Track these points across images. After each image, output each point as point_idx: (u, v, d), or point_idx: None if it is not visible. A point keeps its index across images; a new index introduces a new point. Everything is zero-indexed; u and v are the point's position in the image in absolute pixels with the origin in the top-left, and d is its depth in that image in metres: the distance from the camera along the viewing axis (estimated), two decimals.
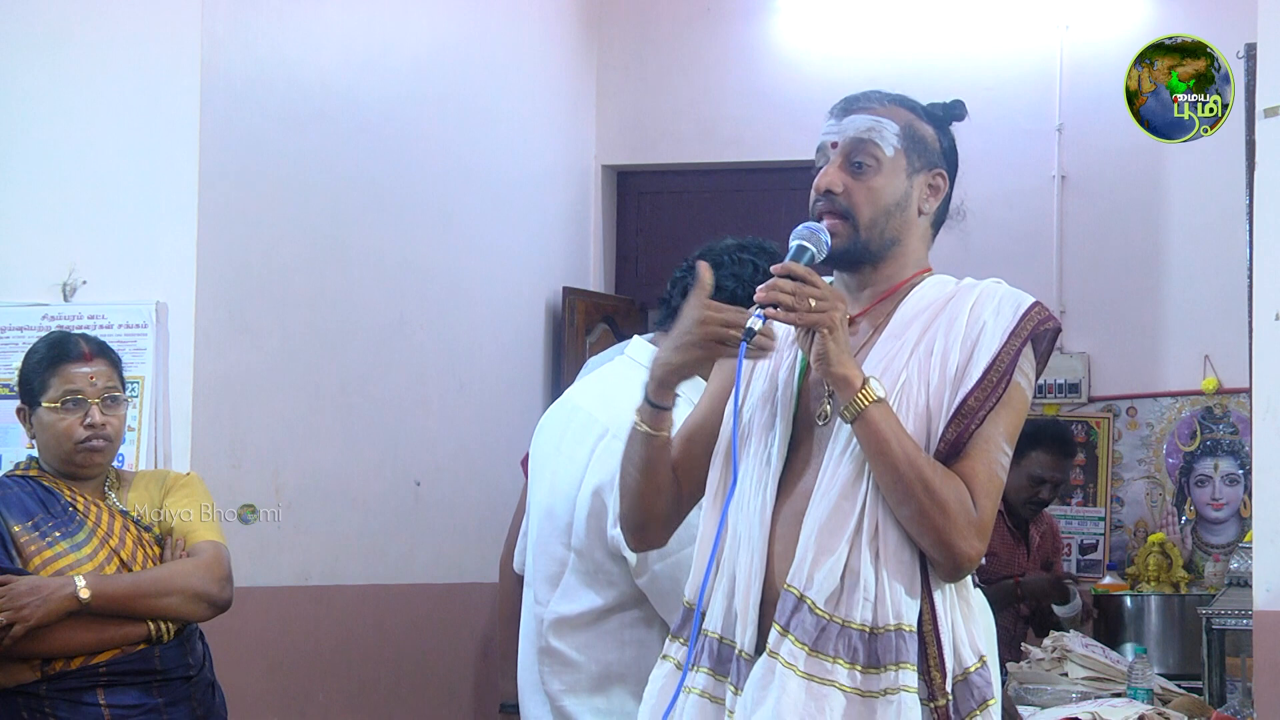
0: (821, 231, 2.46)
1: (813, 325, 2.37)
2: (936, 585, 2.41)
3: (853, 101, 2.55)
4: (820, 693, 2.33)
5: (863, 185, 2.49)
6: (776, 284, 2.38)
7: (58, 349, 3.56)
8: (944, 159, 2.56)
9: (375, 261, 5.27)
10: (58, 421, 3.48)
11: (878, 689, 2.35)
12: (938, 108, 2.59)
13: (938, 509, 2.36)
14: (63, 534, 3.43)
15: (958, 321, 2.46)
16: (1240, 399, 6.22)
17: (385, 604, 5.33)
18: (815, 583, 2.35)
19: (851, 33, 6.73)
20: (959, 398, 2.41)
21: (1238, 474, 6.36)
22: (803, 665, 2.34)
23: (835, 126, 2.53)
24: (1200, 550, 6.42)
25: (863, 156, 2.50)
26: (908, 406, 2.41)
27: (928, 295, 2.51)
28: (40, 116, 4.58)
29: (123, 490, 3.59)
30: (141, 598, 3.41)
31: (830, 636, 2.35)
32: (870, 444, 2.36)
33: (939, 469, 2.38)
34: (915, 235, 2.54)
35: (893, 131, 2.51)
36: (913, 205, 2.52)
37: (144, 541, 3.50)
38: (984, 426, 2.41)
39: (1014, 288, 2.53)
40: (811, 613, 2.35)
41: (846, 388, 2.37)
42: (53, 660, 3.36)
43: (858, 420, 2.36)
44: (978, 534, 2.39)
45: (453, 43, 5.82)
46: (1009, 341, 2.43)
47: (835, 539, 2.37)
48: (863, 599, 2.36)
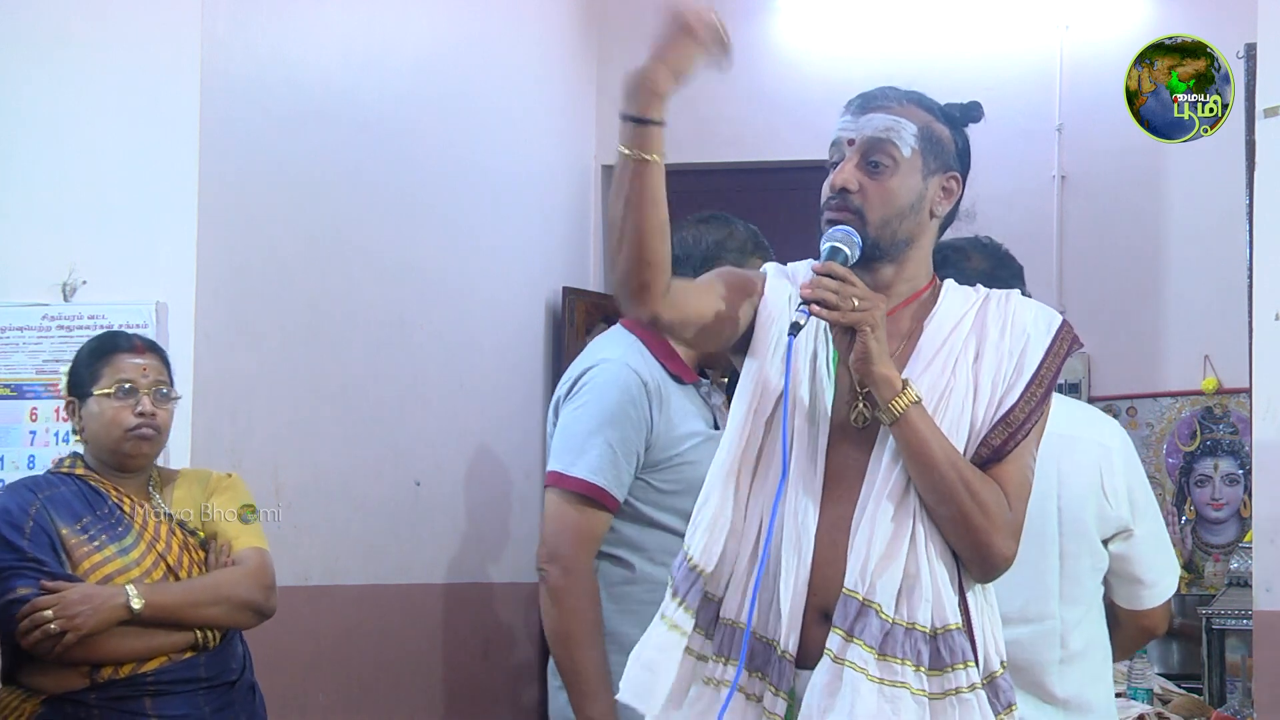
0: (854, 234, 2.45)
1: (855, 324, 2.37)
2: (969, 587, 2.43)
3: (871, 99, 2.53)
4: (893, 695, 2.34)
5: (879, 185, 2.48)
6: (820, 282, 2.38)
7: (110, 341, 3.62)
8: (959, 161, 2.55)
9: (375, 261, 5.27)
10: (109, 410, 3.49)
11: (942, 690, 2.36)
12: (955, 108, 2.58)
13: (979, 510, 2.38)
14: (110, 538, 3.44)
15: (1006, 331, 2.48)
16: (1240, 399, 6.22)
17: (385, 604, 5.33)
18: (879, 588, 2.36)
19: (852, 33, 6.72)
20: (1005, 407, 2.44)
21: (1238, 474, 6.36)
22: (874, 670, 2.34)
23: (852, 123, 2.51)
24: (1200, 550, 6.42)
25: (880, 156, 2.48)
26: (954, 413, 2.43)
27: (957, 305, 2.52)
28: (40, 116, 4.57)
29: (166, 490, 3.60)
30: (191, 607, 3.43)
31: (896, 639, 2.35)
32: (911, 445, 2.37)
33: (977, 471, 2.40)
34: (928, 237, 2.54)
35: (911, 132, 2.49)
36: (926, 207, 2.51)
37: (189, 546, 3.52)
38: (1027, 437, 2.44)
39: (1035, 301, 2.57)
40: (878, 616, 2.35)
41: (888, 388, 2.37)
42: (101, 668, 3.37)
43: (899, 422, 2.37)
44: (1013, 535, 2.42)
45: (453, 43, 5.82)
46: (1049, 359, 2.47)
47: (895, 544, 2.38)
48: (923, 600, 2.37)
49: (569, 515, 3.38)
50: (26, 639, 3.32)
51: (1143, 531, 3.24)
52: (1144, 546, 3.25)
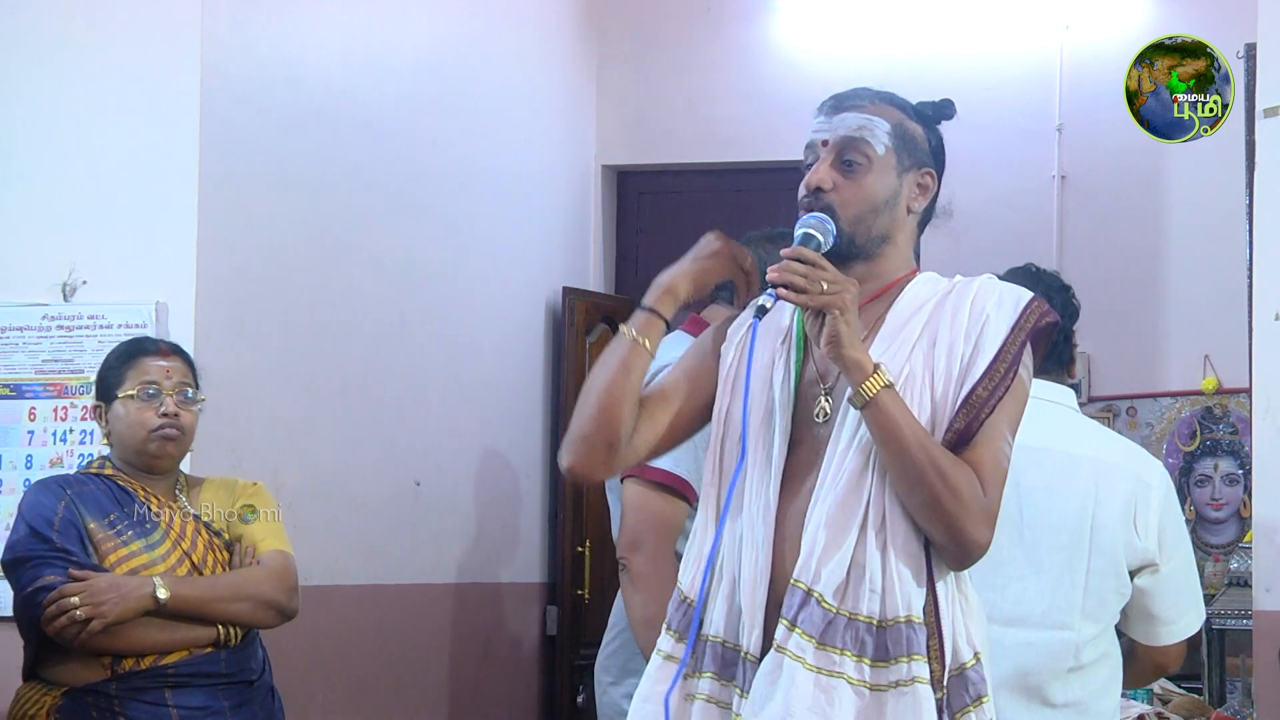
0: (829, 222, 2.46)
1: (824, 307, 2.36)
2: (940, 576, 2.41)
3: (843, 99, 2.55)
4: (828, 685, 2.32)
5: (853, 183, 2.49)
6: (789, 265, 2.38)
7: (135, 345, 3.66)
8: (932, 158, 2.56)
9: (375, 261, 5.27)
10: (133, 411, 3.52)
11: (887, 682, 2.34)
12: (927, 106, 2.60)
13: (950, 495, 2.35)
14: (137, 534, 3.48)
15: (960, 314, 2.46)
16: (1240, 399, 6.22)
17: (385, 604, 5.33)
18: (823, 577, 2.35)
19: (851, 33, 6.73)
20: (966, 388, 2.41)
21: (1238, 474, 6.36)
22: (811, 658, 2.33)
23: (826, 124, 2.53)
24: (1200, 550, 6.42)
25: (853, 154, 2.49)
26: (912, 399, 2.40)
27: (922, 292, 2.51)
28: (40, 116, 4.58)
29: (193, 494, 3.64)
30: (216, 602, 3.47)
31: (838, 629, 2.34)
32: (882, 429, 2.36)
33: (949, 455, 2.38)
34: (904, 233, 2.55)
35: (884, 130, 2.50)
36: (902, 204, 2.52)
37: (214, 546, 3.56)
38: (991, 416, 2.42)
39: (1007, 283, 2.53)
40: (819, 605, 2.34)
41: (858, 371, 2.36)
42: (123, 659, 3.41)
43: (869, 405, 2.36)
44: (987, 521, 2.39)
45: (453, 43, 5.82)
46: (1012, 334, 2.44)
47: (842, 532, 2.36)
48: (869, 591, 2.35)
49: (652, 504, 3.41)
50: (52, 625, 3.35)
51: (1168, 570, 3.26)
52: (1167, 584, 3.27)
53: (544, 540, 6.39)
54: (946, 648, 2.39)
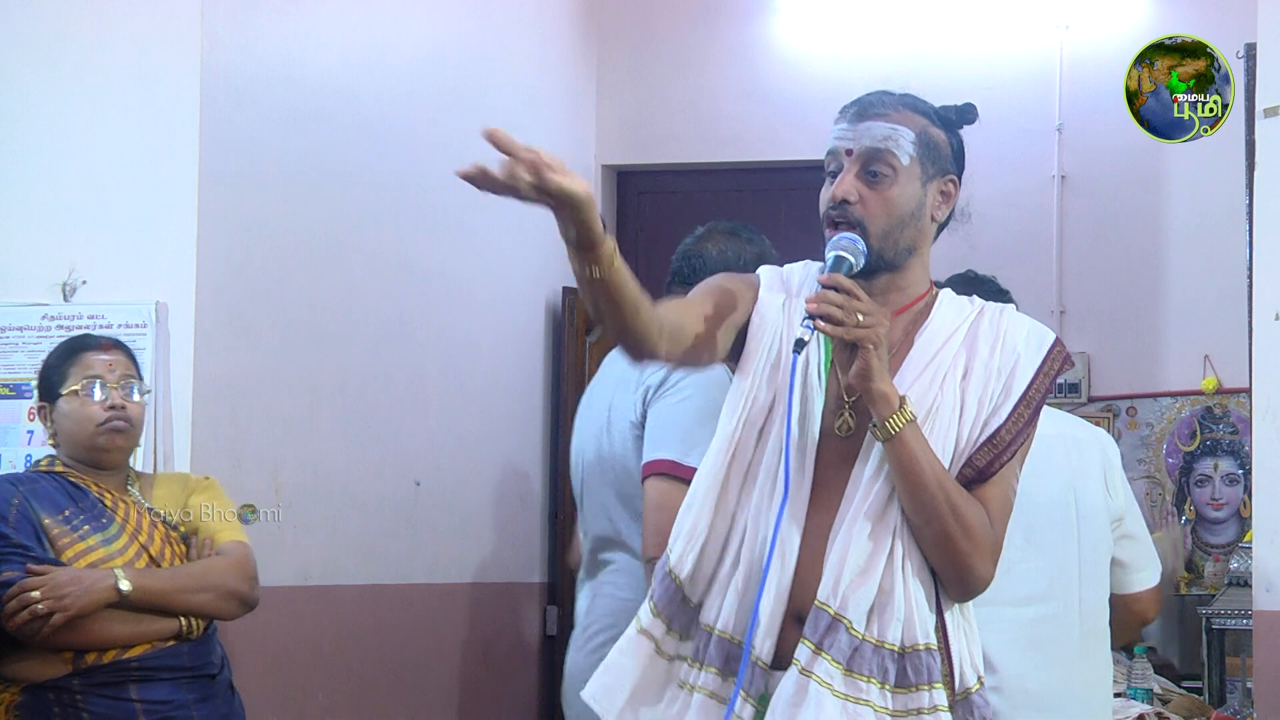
0: (859, 242, 2.42)
1: (859, 340, 2.34)
2: (946, 604, 2.42)
3: (867, 106, 2.49)
4: (855, 712, 2.32)
5: (879, 195, 2.45)
6: (826, 296, 2.34)
7: (75, 343, 3.65)
8: (954, 164, 2.53)
9: (375, 261, 5.27)
10: (79, 407, 3.52)
11: (907, 709, 2.35)
12: (950, 111, 2.55)
13: (963, 532, 2.37)
14: (94, 529, 3.46)
15: (996, 349, 2.46)
16: (1240, 399, 6.22)
17: (385, 604, 5.33)
18: (851, 603, 2.35)
19: (851, 33, 6.72)
20: (991, 427, 2.42)
21: (1238, 474, 6.36)
22: (839, 685, 2.33)
23: (850, 132, 2.48)
24: (1200, 550, 6.42)
25: (879, 165, 2.45)
26: (937, 430, 2.40)
27: (950, 318, 2.50)
28: (40, 116, 4.57)
29: (145, 489, 3.63)
30: (179, 593, 3.47)
31: (864, 656, 2.34)
32: (903, 464, 2.36)
33: (963, 492, 2.39)
34: (928, 243, 2.52)
35: (909, 139, 2.46)
36: (927, 213, 2.49)
37: (171, 540, 3.55)
38: (1012, 460, 2.43)
39: (1029, 317, 2.54)
40: (848, 632, 2.34)
41: (886, 405, 2.35)
42: (85, 654, 3.39)
43: (893, 440, 2.35)
44: (994, 557, 2.42)
45: (453, 43, 5.82)
46: (1038, 379, 2.45)
47: (872, 560, 2.36)
48: (895, 619, 2.36)
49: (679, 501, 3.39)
50: (13, 621, 3.33)
51: (1130, 523, 3.63)
52: (1132, 535, 3.64)
53: (544, 540, 6.38)
54: (955, 673, 2.41)
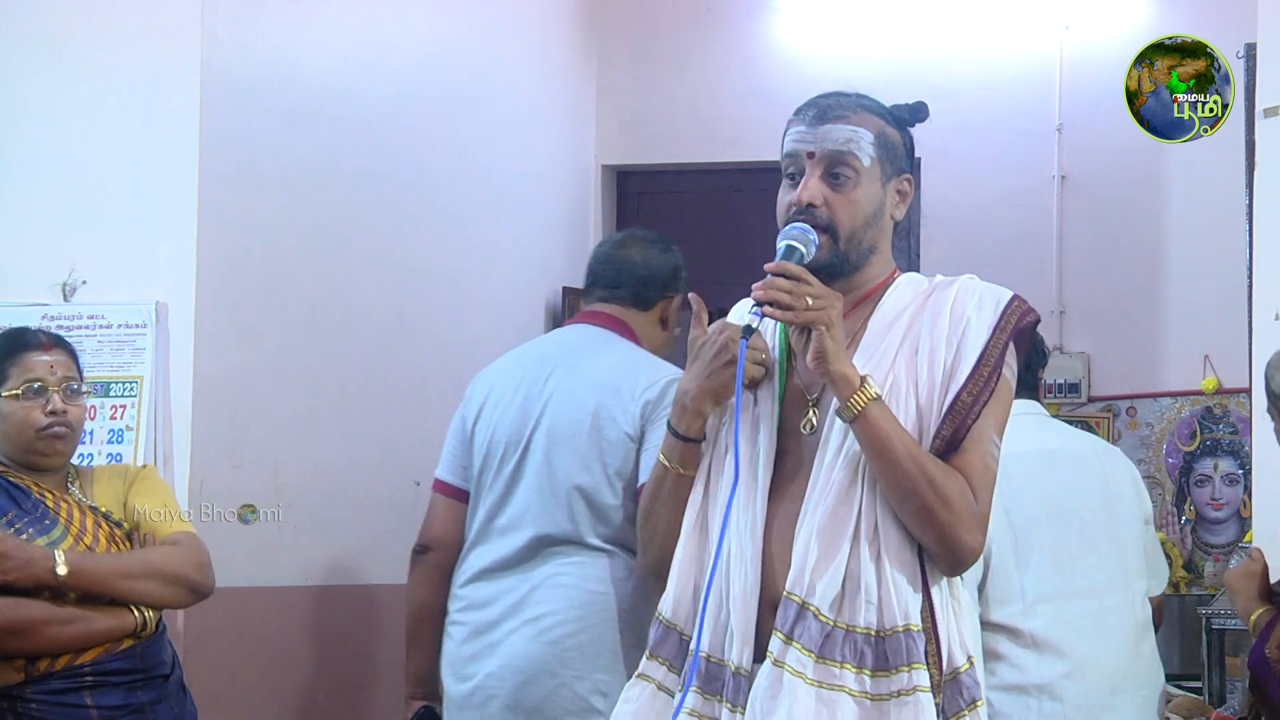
0: (810, 232, 2.44)
1: (810, 323, 2.35)
2: (934, 582, 2.41)
3: (826, 110, 2.51)
4: (830, 699, 2.32)
5: (843, 198, 2.47)
6: (773, 282, 2.36)
7: (15, 340, 3.55)
8: (908, 161, 2.56)
9: (375, 261, 5.27)
10: (18, 410, 3.45)
11: (888, 691, 2.34)
12: (903, 110, 2.57)
13: (942, 503, 2.35)
14: (37, 531, 3.39)
15: (940, 319, 2.45)
16: (1240, 399, 6.22)
17: (385, 604, 5.32)
18: (818, 590, 2.34)
19: (852, 33, 6.72)
20: (950, 394, 2.41)
21: (1238, 474, 6.36)
22: (811, 672, 2.32)
23: (810, 135, 2.50)
24: (1200, 550, 6.42)
25: (841, 169, 2.47)
26: (897, 407, 2.40)
27: (903, 296, 2.51)
28: (40, 116, 4.57)
29: (85, 486, 3.55)
30: (121, 578, 3.37)
31: (836, 642, 2.33)
32: (872, 442, 2.35)
33: (939, 464, 2.37)
34: (887, 240, 2.54)
35: (868, 141, 2.48)
36: (886, 213, 2.52)
37: (115, 538, 3.47)
38: (978, 421, 2.41)
39: (989, 283, 2.53)
40: (816, 619, 2.33)
41: (846, 386, 2.35)
42: (37, 660, 3.32)
43: (858, 419, 2.35)
44: (979, 527, 2.39)
45: (453, 43, 5.82)
46: (994, 337, 2.44)
47: (834, 544, 2.35)
48: (865, 603, 2.35)
49: None
50: None
51: (1153, 529, 4.03)
52: (1155, 541, 4.05)
53: None
54: (943, 653, 2.39)
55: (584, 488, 3.61)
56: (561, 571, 3.60)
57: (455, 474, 3.84)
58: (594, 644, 3.57)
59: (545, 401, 3.69)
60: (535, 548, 3.63)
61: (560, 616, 3.58)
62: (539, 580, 3.61)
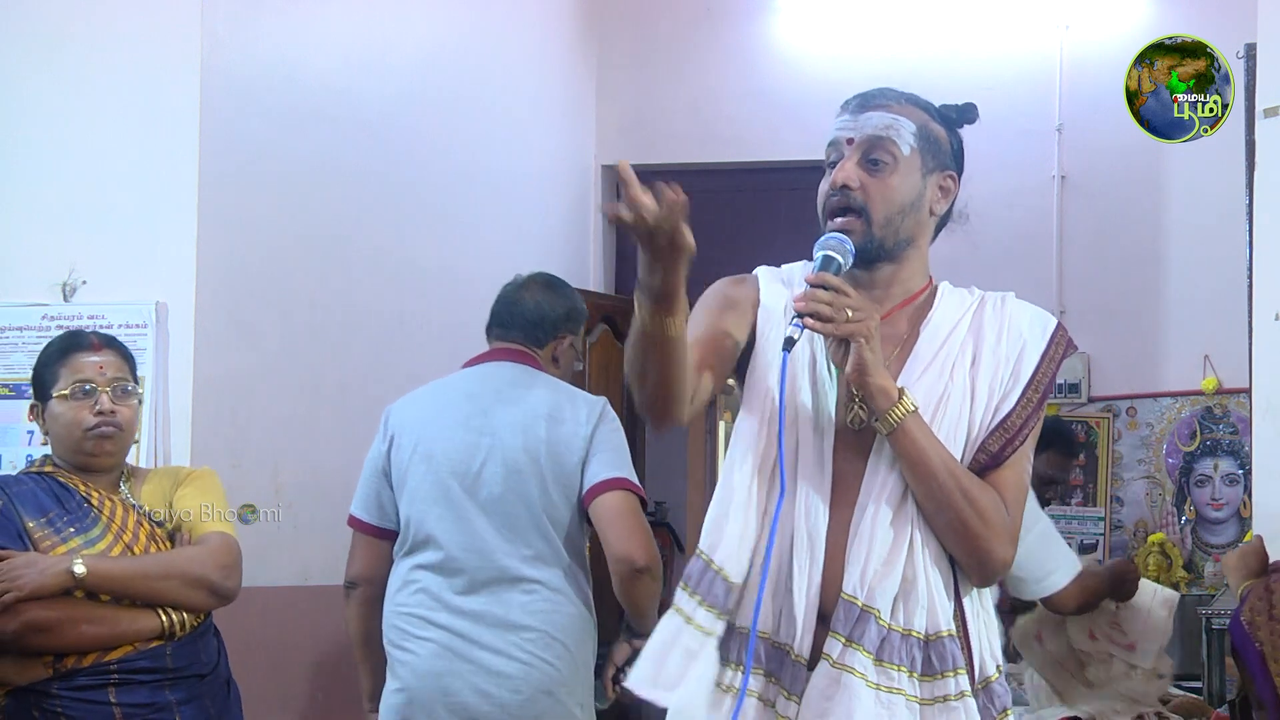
0: (846, 241, 2.44)
1: (850, 335, 2.35)
2: (965, 591, 2.43)
3: (869, 98, 2.53)
4: (889, 701, 2.34)
5: (879, 182, 2.47)
6: (814, 294, 2.36)
7: (67, 341, 3.58)
8: (955, 161, 2.56)
9: (375, 261, 5.27)
10: (68, 411, 3.47)
11: (933, 696, 2.36)
12: (951, 109, 2.58)
13: (977, 517, 2.38)
14: (77, 530, 3.41)
15: (1002, 337, 2.48)
16: (1240, 399, 6.22)
17: None
18: (878, 594, 2.36)
19: (851, 33, 6.73)
20: (1002, 412, 2.44)
21: (1238, 474, 6.36)
22: (873, 675, 2.34)
23: (851, 122, 2.51)
24: (1200, 550, 6.42)
25: (880, 154, 2.48)
26: (948, 418, 2.42)
27: (953, 308, 2.52)
28: (40, 116, 4.57)
29: (135, 486, 3.56)
30: (140, 579, 3.36)
31: (893, 645, 2.36)
32: (909, 454, 2.37)
33: (973, 478, 2.40)
34: (926, 236, 2.54)
35: (910, 130, 2.49)
36: (926, 205, 2.51)
37: (156, 536, 3.47)
38: (1025, 443, 2.44)
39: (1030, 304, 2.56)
40: (876, 622, 2.35)
41: (885, 398, 2.37)
42: (64, 658, 3.33)
43: (896, 431, 2.37)
44: (1011, 540, 2.42)
45: (453, 43, 5.82)
46: (1044, 363, 2.48)
47: (894, 550, 2.38)
48: (919, 606, 2.37)
49: (644, 520, 3.73)
50: None
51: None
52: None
53: None
54: (975, 661, 2.41)
55: (550, 513, 3.76)
56: (541, 595, 3.70)
57: (372, 512, 3.96)
58: (574, 660, 3.73)
59: (493, 434, 3.79)
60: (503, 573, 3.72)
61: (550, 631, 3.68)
62: (518, 601, 3.70)
